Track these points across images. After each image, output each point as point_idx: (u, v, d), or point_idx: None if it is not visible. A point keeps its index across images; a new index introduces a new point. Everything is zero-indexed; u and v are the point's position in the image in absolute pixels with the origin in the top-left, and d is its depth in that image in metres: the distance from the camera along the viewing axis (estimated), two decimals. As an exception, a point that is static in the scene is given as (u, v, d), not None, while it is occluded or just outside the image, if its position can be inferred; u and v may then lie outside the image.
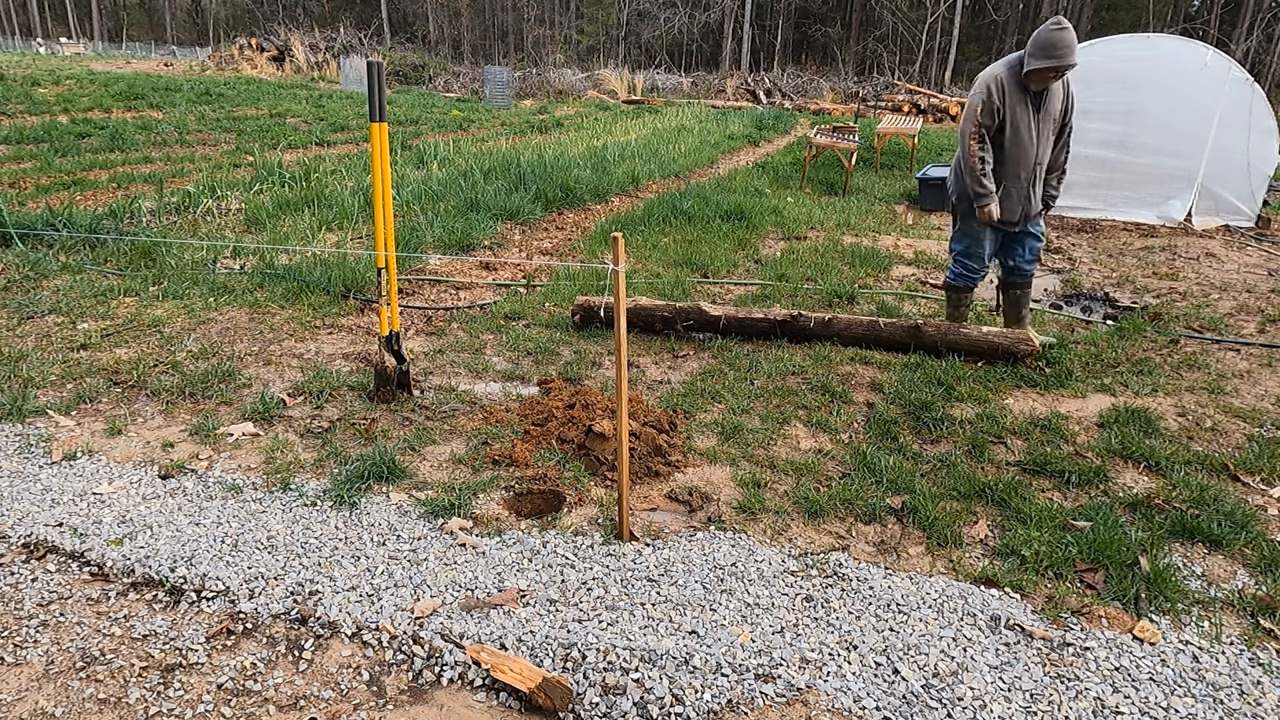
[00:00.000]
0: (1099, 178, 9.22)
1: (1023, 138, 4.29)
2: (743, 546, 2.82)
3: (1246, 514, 3.03)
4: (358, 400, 3.85)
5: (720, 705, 2.12)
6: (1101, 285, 6.54)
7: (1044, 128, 4.29)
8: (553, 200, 8.68)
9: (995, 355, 4.47)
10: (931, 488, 3.20)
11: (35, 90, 17.66)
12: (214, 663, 2.22)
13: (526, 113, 21.65)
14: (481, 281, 5.99)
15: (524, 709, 2.10)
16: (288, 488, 3.10)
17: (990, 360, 4.48)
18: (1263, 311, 5.77)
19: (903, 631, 2.41)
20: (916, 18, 42.39)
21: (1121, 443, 3.57)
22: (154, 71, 27.47)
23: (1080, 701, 2.17)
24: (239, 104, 18.28)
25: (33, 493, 3.00)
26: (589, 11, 51.20)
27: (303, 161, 9.94)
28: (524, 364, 4.38)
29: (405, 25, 54.16)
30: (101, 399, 3.80)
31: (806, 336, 4.72)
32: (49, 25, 59.06)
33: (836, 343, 4.69)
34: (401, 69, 32.26)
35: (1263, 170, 8.75)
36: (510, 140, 14.15)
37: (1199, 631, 2.46)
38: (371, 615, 2.41)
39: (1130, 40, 9.18)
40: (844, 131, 12.44)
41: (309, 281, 5.47)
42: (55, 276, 5.56)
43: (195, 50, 48.79)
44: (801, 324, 4.59)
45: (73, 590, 2.49)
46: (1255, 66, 33.61)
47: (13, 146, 10.99)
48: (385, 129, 3.47)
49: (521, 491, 3.13)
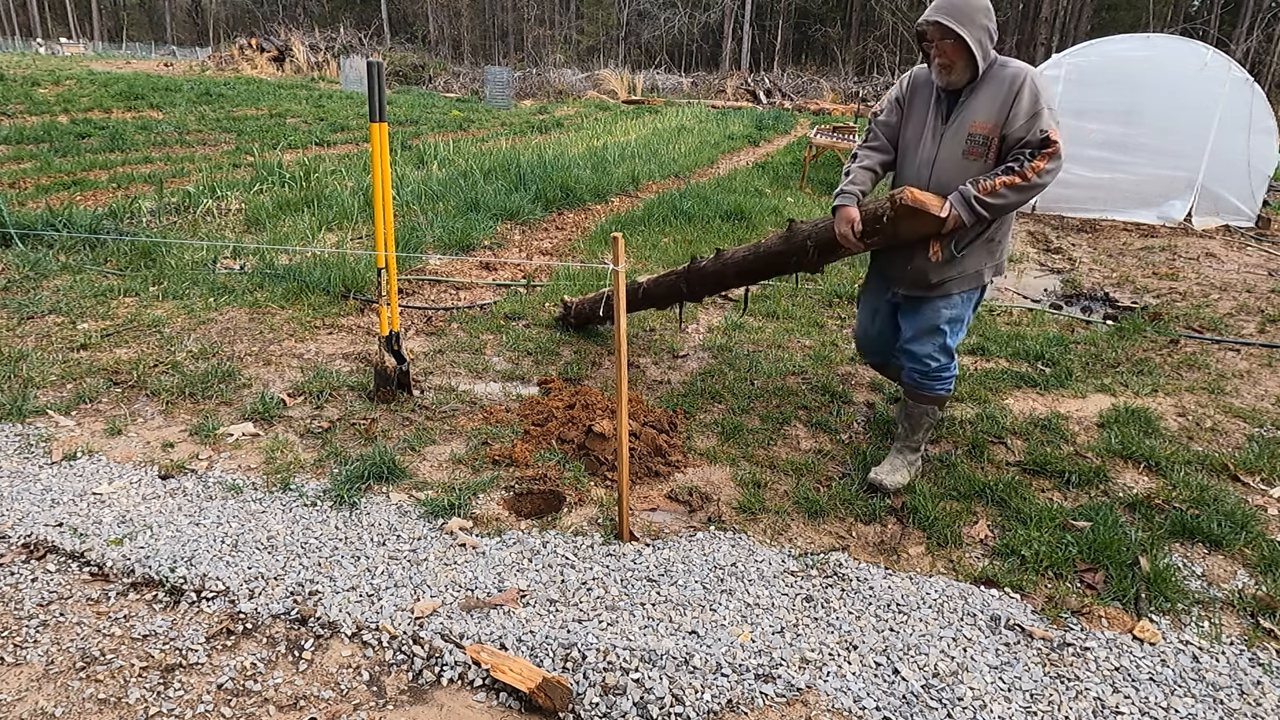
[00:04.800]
0: (1099, 178, 9.22)
1: (908, 155, 3.04)
2: (743, 546, 2.82)
3: (1246, 514, 3.03)
4: (358, 400, 3.85)
5: (720, 705, 2.12)
6: (1101, 285, 6.54)
7: (949, 144, 2.89)
8: (553, 200, 8.68)
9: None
10: (931, 488, 3.20)
11: (35, 90, 17.66)
12: (214, 663, 2.22)
13: (526, 113, 21.65)
14: (481, 281, 5.99)
15: (524, 709, 2.10)
16: (288, 488, 3.10)
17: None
18: (1263, 311, 5.77)
19: (903, 631, 2.41)
20: (916, 18, 42.38)
21: (1121, 443, 3.57)
22: (154, 72, 27.47)
23: (1080, 701, 2.17)
24: (239, 104, 18.27)
25: (33, 493, 3.00)
26: (589, 11, 51.21)
27: (303, 161, 9.93)
28: (524, 364, 4.38)
29: (405, 25, 54.16)
30: (101, 399, 3.80)
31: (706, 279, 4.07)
32: (49, 25, 59.07)
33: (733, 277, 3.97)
34: (401, 69, 32.27)
35: (1263, 170, 8.76)
36: (510, 140, 14.15)
37: (1199, 631, 2.46)
38: (371, 615, 2.41)
39: (1130, 40, 9.19)
40: (844, 131, 12.44)
41: (309, 281, 5.47)
42: (55, 276, 5.56)
43: (195, 50, 48.80)
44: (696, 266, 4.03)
45: (73, 590, 2.49)
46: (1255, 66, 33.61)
47: (13, 146, 10.99)
48: (385, 129, 3.47)
49: (521, 491, 3.13)
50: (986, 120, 2.82)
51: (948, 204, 2.83)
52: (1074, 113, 9.17)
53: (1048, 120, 2.78)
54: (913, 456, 3.27)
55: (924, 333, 3.10)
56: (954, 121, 2.89)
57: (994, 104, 2.81)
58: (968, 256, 2.99)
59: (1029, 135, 2.78)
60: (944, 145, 2.92)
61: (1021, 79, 2.79)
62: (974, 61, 2.78)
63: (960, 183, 2.86)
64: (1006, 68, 2.83)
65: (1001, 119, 2.80)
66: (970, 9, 2.74)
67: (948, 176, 2.90)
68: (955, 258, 2.97)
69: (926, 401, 3.19)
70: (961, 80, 2.84)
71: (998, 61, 2.86)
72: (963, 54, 2.77)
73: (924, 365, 3.12)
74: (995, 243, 3.03)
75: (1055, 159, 2.78)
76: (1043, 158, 2.77)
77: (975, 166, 2.87)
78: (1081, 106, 9.12)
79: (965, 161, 2.88)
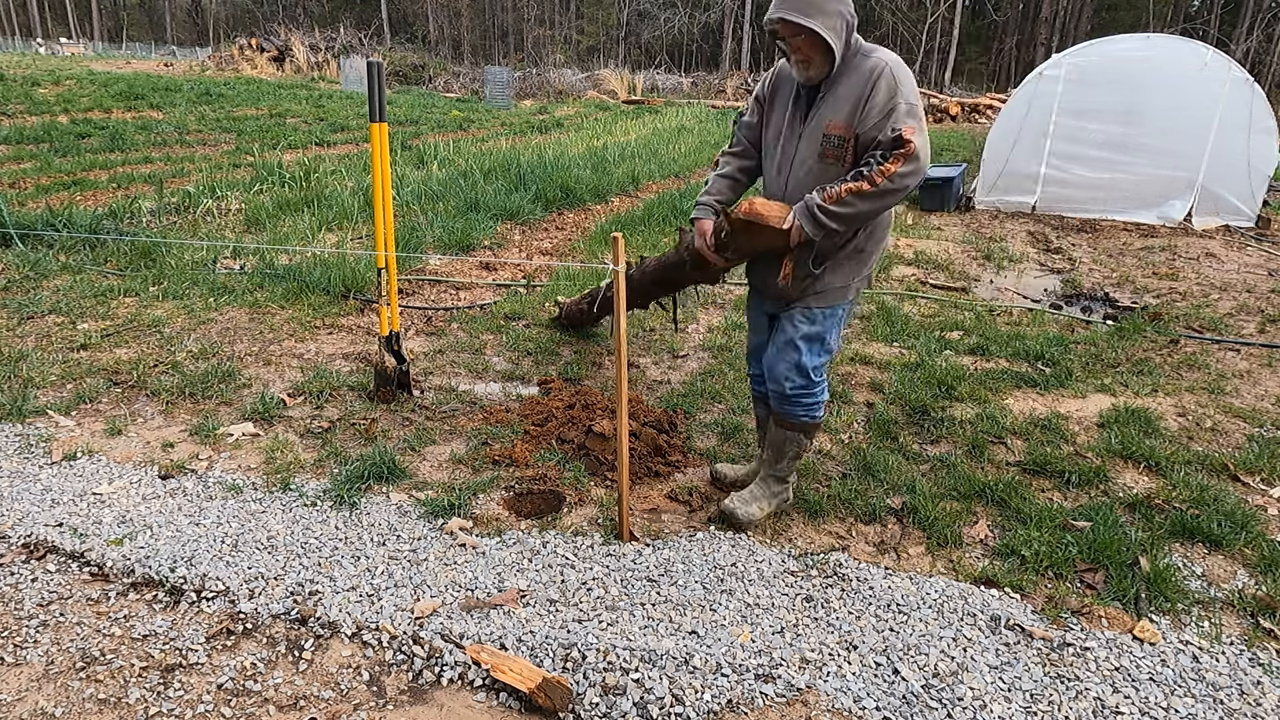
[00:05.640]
0: (1099, 178, 9.23)
1: (769, 159, 2.78)
2: (743, 546, 2.82)
3: (1246, 514, 3.03)
4: (358, 400, 3.85)
5: (720, 705, 2.12)
6: (1101, 285, 6.54)
7: (807, 146, 2.62)
8: (553, 200, 8.68)
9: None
10: (931, 488, 3.20)
11: (35, 90, 17.66)
12: (214, 663, 2.22)
13: (526, 113, 21.65)
14: (481, 282, 5.99)
15: (524, 709, 2.10)
16: (288, 488, 3.10)
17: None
18: (1263, 311, 5.77)
19: (903, 632, 2.41)
20: (916, 18, 42.40)
21: (1121, 443, 3.57)
22: (154, 72, 27.47)
23: (1080, 702, 2.17)
24: (239, 104, 18.27)
25: (33, 493, 3.00)
26: (589, 11, 51.21)
27: (303, 162, 9.94)
28: (524, 364, 4.38)
29: (405, 25, 54.17)
30: (101, 399, 3.80)
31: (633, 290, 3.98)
32: (49, 25, 59.08)
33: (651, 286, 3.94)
34: (401, 69, 32.26)
35: (1263, 170, 8.76)
36: (510, 140, 14.15)
37: (1199, 632, 2.46)
38: (371, 615, 2.41)
39: (1130, 40, 9.18)
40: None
41: (309, 281, 5.47)
42: (55, 276, 5.56)
43: (195, 50, 48.80)
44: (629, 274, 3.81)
45: (73, 590, 2.49)
46: (1255, 66, 33.62)
47: (13, 146, 10.99)
48: (385, 129, 3.47)
49: (521, 491, 3.13)
50: (841, 119, 2.53)
51: (791, 215, 2.56)
52: (1074, 113, 9.18)
53: (903, 117, 2.45)
54: (777, 488, 2.99)
55: (781, 349, 2.81)
56: (811, 120, 2.60)
57: (849, 101, 2.51)
58: (831, 271, 2.69)
59: (881, 135, 2.47)
60: (802, 147, 2.64)
61: (879, 71, 2.47)
62: (831, 53, 2.49)
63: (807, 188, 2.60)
64: (868, 58, 2.51)
65: (855, 117, 2.50)
66: None
67: (807, 181, 2.62)
68: (813, 274, 2.67)
69: (788, 428, 2.87)
70: (822, 74, 2.55)
71: (860, 50, 2.54)
72: (818, 47, 2.48)
73: (780, 385, 2.81)
74: (865, 254, 2.72)
75: (911, 161, 2.44)
76: (895, 160, 2.44)
77: (834, 170, 2.57)
78: (1081, 106, 9.12)
79: (823, 165, 2.59)
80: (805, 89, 2.62)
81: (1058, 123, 9.25)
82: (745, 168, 2.89)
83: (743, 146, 2.88)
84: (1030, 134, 9.37)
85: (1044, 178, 9.45)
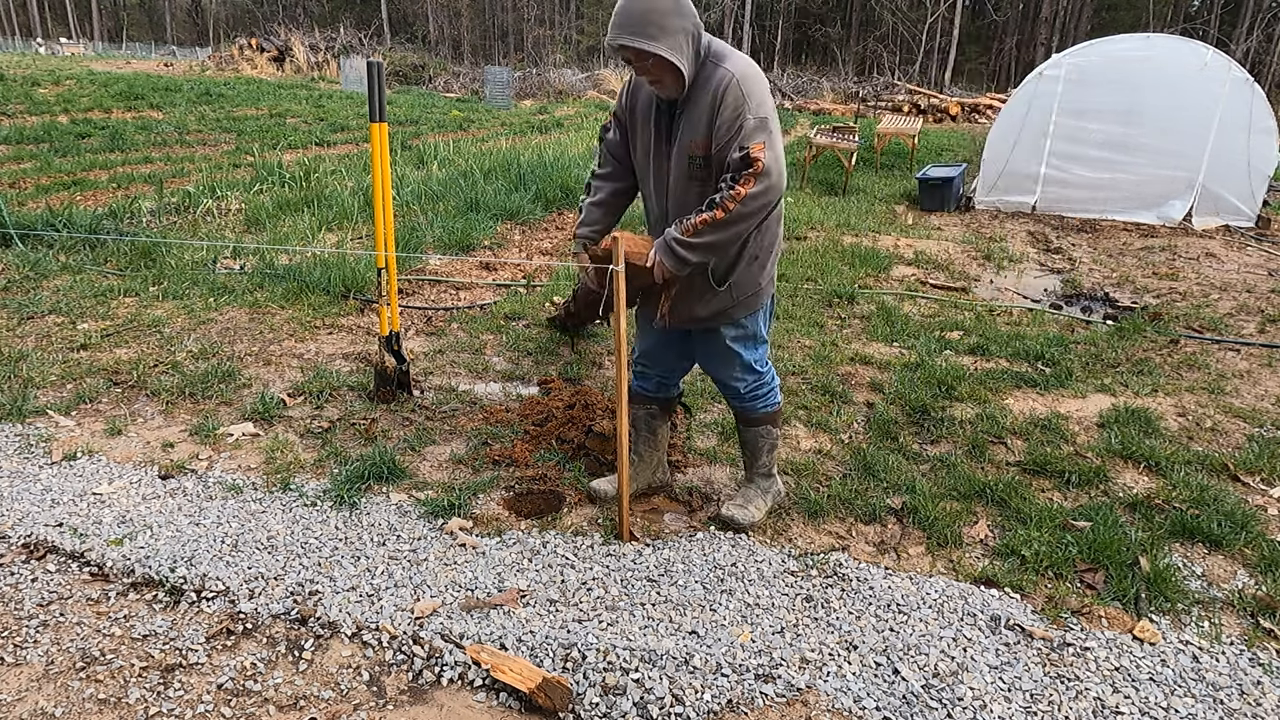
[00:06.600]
0: (1099, 178, 9.23)
1: (645, 182, 2.70)
2: (743, 546, 2.82)
3: (1246, 514, 3.03)
4: (358, 400, 3.85)
5: (720, 705, 2.12)
6: (1101, 285, 6.54)
7: (677, 167, 2.51)
8: (553, 200, 8.68)
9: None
10: (931, 488, 3.20)
11: (35, 90, 17.66)
12: (214, 663, 2.22)
13: (526, 113, 21.65)
14: (481, 282, 5.99)
15: (524, 709, 2.10)
16: (288, 488, 3.10)
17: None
18: (1263, 311, 5.77)
19: (903, 632, 2.41)
20: (916, 18, 42.40)
21: (1121, 443, 3.57)
22: (154, 72, 27.47)
23: (1080, 702, 2.17)
24: (239, 104, 18.27)
25: (33, 493, 3.00)
26: (589, 11, 51.21)
27: (303, 162, 9.93)
28: (524, 364, 4.38)
29: (405, 25, 54.18)
30: (101, 399, 3.80)
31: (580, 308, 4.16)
32: (49, 25, 59.09)
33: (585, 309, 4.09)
34: (401, 69, 32.25)
35: (1263, 170, 8.76)
36: (510, 140, 14.14)
37: (1199, 632, 2.46)
38: (371, 615, 2.41)
39: (1130, 40, 9.19)
40: (844, 131, 12.44)
41: (309, 282, 5.47)
42: (55, 276, 5.56)
43: (195, 50, 48.81)
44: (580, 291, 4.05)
45: (73, 590, 2.49)
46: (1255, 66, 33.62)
47: (13, 146, 10.99)
48: (385, 129, 3.47)
49: (521, 491, 3.13)
50: (700, 137, 2.40)
51: (653, 252, 2.48)
52: (1074, 113, 9.18)
53: (751, 134, 2.31)
54: (765, 484, 2.99)
55: (719, 359, 2.77)
56: (676, 141, 2.47)
57: (704, 117, 2.38)
58: (735, 285, 2.60)
59: (729, 155, 2.33)
60: (673, 168, 2.51)
61: (724, 84, 2.32)
62: (682, 74, 2.35)
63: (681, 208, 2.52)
64: (717, 67, 2.37)
65: (711, 134, 2.37)
66: (654, 15, 2.27)
67: (687, 201, 2.49)
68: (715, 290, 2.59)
69: (755, 424, 2.87)
70: (678, 92, 2.41)
71: (710, 56, 2.40)
72: (667, 69, 2.34)
73: (733, 389, 2.81)
74: (762, 256, 2.62)
75: (762, 179, 2.31)
76: (745, 181, 2.30)
77: (708, 189, 2.45)
78: (1081, 106, 9.12)
79: (698, 185, 2.47)
80: (665, 103, 2.50)
81: (1058, 123, 9.26)
82: (618, 190, 2.77)
83: (611, 167, 2.75)
84: (1030, 134, 9.37)
85: (1044, 178, 9.45)
